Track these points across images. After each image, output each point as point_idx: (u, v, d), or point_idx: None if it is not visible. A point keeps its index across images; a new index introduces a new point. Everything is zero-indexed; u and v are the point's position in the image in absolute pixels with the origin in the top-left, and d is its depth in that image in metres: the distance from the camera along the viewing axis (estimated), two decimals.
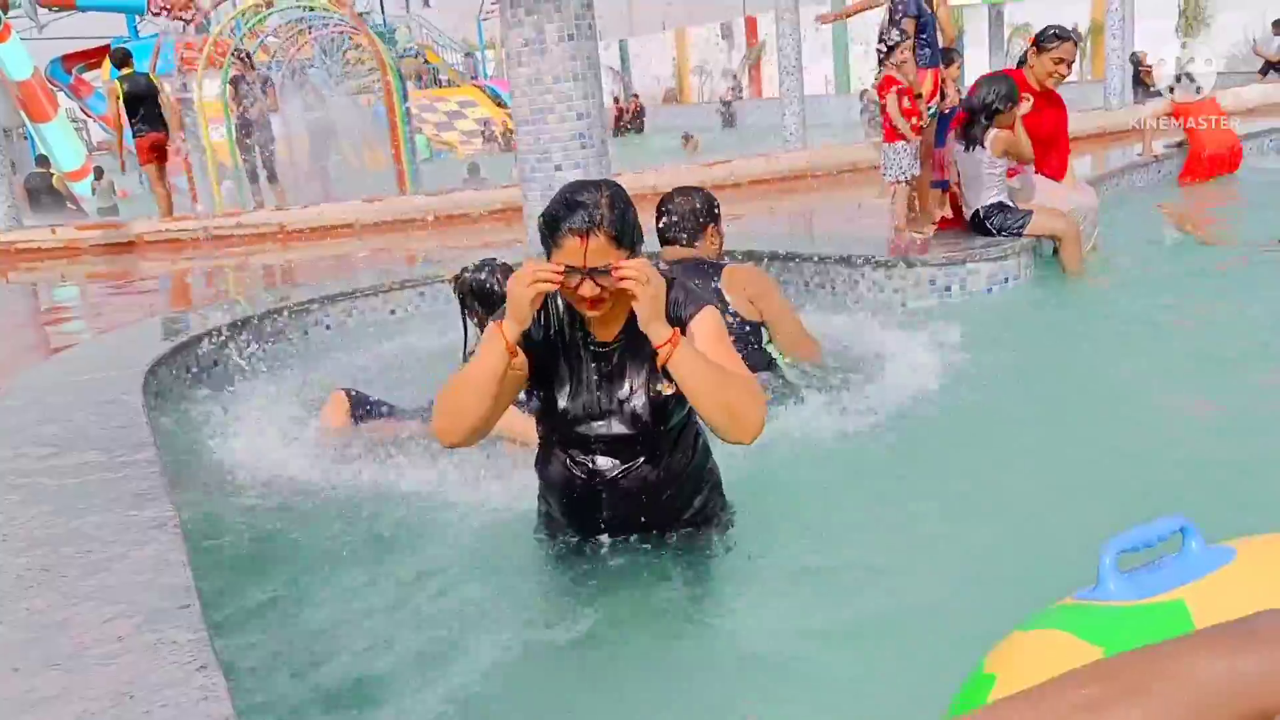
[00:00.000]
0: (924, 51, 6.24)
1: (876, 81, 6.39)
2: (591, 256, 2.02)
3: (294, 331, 5.19)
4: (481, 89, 23.25)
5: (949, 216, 5.91)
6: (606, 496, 2.28)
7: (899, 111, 6.02)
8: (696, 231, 3.54)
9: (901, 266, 5.08)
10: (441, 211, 9.76)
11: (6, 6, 16.84)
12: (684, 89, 35.38)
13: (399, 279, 5.69)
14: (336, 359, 4.83)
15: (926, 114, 6.15)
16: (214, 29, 12.66)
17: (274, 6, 12.57)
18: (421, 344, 4.89)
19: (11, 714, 1.51)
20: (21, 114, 17.39)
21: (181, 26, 11.78)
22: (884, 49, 6.16)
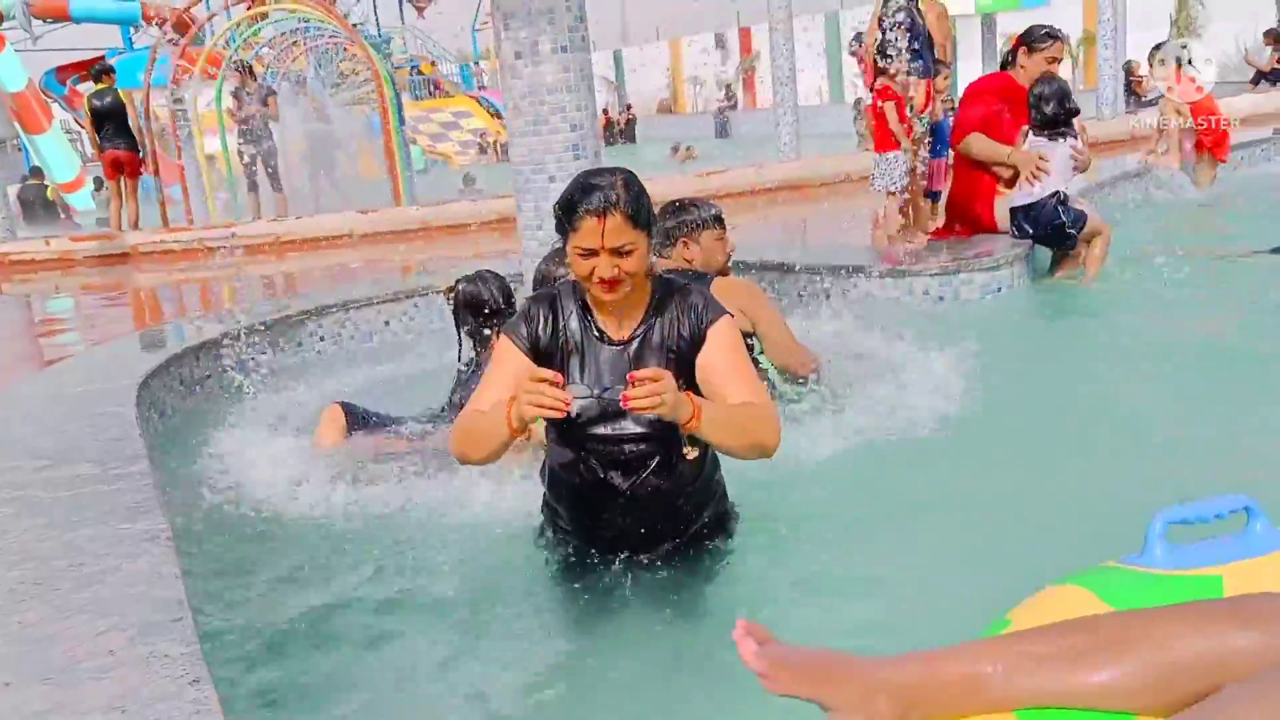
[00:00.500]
0: (916, 64, 6.24)
1: (869, 82, 6.37)
2: (609, 237, 2.06)
3: (290, 343, 5.19)
4: (476, 100, 23.32)
5: (940, 227, 5.92)
6: (620, 504, 2.25)
7: (898, 122, 6.03)
8: (663, 245, 3.56)
9: (894, 276, 5.09)
10: (436, 223, 9.78)
11: (1, 18, 16.84)
12: (679, 99, 35.51)
13: (392, 290, 5.69)
14: (332, 370, 4.83)
15: (918, 125, 6.15)
16: (209, 41, 12.68)
17: (268, 18, 12.59)
18: (417, 355, 4.89)
19: None
20: (16, 125, 17.41)
21: (177, 38, 11.80)
22: (879, 59, 6.16)
